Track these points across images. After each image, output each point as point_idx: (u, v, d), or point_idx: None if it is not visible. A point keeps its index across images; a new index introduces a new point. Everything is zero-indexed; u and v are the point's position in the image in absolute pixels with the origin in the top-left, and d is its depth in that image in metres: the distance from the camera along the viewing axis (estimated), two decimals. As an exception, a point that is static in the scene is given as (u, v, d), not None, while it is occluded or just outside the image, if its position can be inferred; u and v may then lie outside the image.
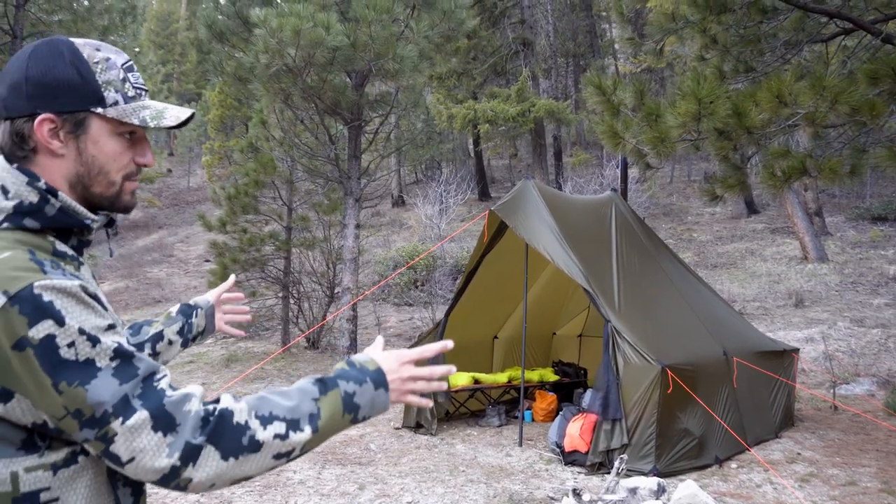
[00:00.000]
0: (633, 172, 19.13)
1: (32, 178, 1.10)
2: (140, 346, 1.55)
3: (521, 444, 6.78)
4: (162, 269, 20.54)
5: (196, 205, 27.55)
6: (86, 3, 11.89)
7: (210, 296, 1.75)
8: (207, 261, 18.40)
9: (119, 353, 1.03)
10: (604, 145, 7.92)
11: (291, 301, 13.16)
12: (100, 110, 1.15)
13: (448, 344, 1.29)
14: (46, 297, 0.99)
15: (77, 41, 1.17)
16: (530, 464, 6.17)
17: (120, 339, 1.05)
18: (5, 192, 1.08)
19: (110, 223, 1.24)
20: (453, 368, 1.26)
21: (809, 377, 9.64)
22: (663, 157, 6.22)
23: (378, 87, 9.52)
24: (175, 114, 1.21)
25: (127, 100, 1.18)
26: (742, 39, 6.90)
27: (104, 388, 1.00)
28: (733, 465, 6.04)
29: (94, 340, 1.01)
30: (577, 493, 4.91)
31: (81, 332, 1.00)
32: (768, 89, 5.25)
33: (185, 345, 1.65)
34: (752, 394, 6.79)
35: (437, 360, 7.36)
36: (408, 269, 15.38)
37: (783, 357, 7.53)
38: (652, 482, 4.80)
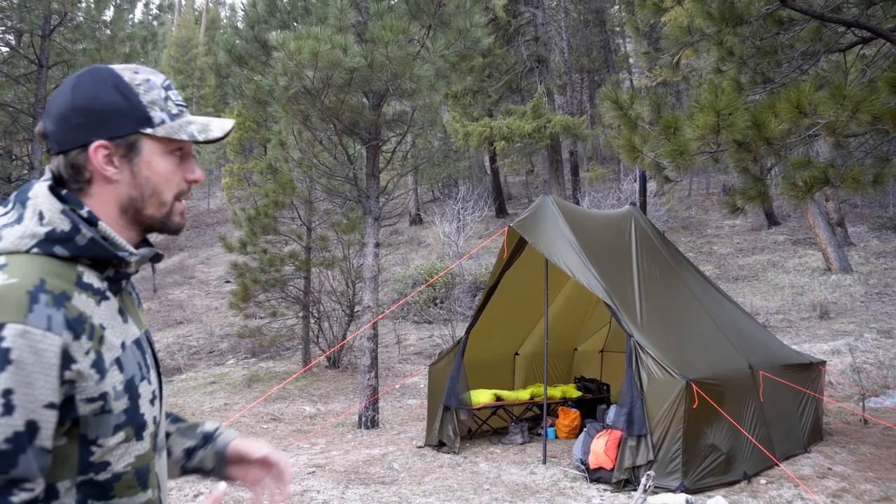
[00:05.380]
0: (652, 186, 19.05)
1: (76, 206, 1.11)
2: None
3: (545, 462, 6.72)
4: (183, 291, 20.72)
5: (216, 226, 27.83)
6: (108, 31, 12.15)
7: (234, 443, 1.42)
8: (228, 282, 18.54)
9: (15, 440, 0.96)
10: (622, 159, 7.91)
11: (312, 320, 13.21)
12: (149, 131, 1.15)
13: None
14: (5, 344, 0.96)
15: (116, 66, 1.17)
16: (555, 481, 6.11)
17: (44, 425, 0.99)
18: (41, 217, 1.08)
19: (157, 258, 1.23)
20: None
21: (837, 390, 9.47)
22: (682, 169, 6.19)
23: (395, 106, 9.60)
24: (220, 125, 1.22)
25: (172, 117, 1.18)
26: (759, 51, 6.88)
27: None
28: (762, 480, 5.94)
29: (8, 409, 0.95)
30: (603, 511, 4.86)
31: (5, 393, 0.95)
32: (787, 100, 5.22)
33: (183, 470, 1.42)
34: (780, 408, 6.68)
35: (459, 380, 7.34)
36: (427, 286, 15.38)
37: (810, 370, 7.41)
38: (680, 499, 4.74)
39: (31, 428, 0.98)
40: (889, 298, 13.77)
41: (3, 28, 12.00)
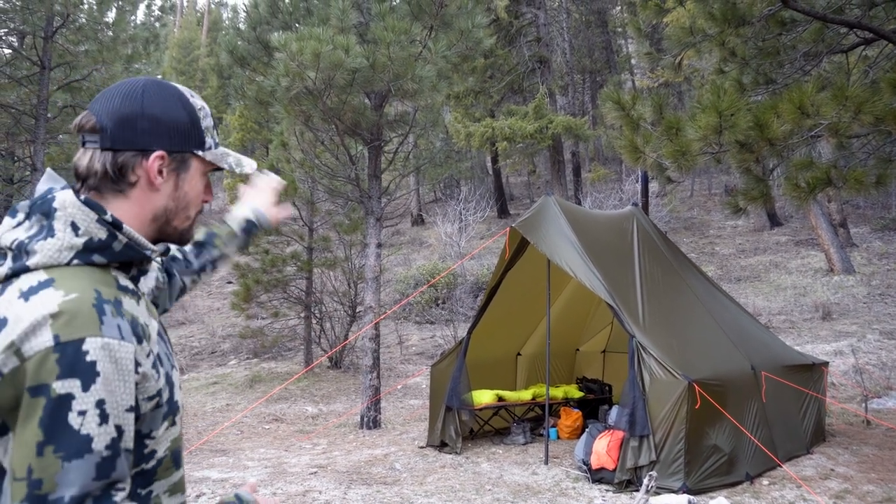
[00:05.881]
0: (654, 186, 19.05)
1: (100, 213, 1.11)
2: (203, 268, 1.62)
3: (547, 462, 6.72)
4: (185, 292, 20.72)
5: (218, 227, 27.78)
6: (110, 33, 12.16)
7: (264, 209, 1.74)
8: (230, 282, 18.56)
9: (113, 446, 1.00)
10: (624, 160, 7.91)
11: (314, 321, 13.22)
12: (200, 153, 1.24)
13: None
14: (90, 357, 0.99)
15: (179, 86, 1.24)
16: (557, 482, 6.11)
17: (127, 428, 1.03)
18: (75, 228, 1.09)
19: (166, 252, 1.29)
20: None
21: (840, 391, 9.46)
22: (684, 170, 6.19)
23: (397, 107, 9.60)
24: (249, 163, 1.34)
25: (216, 145, 1.28)
26: (761, 52, 6.87)
27: (78, 475, 0.96)
28: (765, 481, 5.93)
29: (104, 418, 0.99)
30: (605, 512, 4.86)
31: (99, 404, 0.99)
32: (790, 100, 5.22)
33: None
34: (782, 408, 6.68)
35: (461, 380, 7.34)
36: (429, 287, 15.38)
37: (812, 371, 7.41)
38: (682, 500, 4.74)
39: (119, 432, 1.02)
40: (892, 299, 13.75)
41: (6, 30, 12.01)
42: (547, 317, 7.13)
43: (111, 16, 12.23)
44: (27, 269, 1.06)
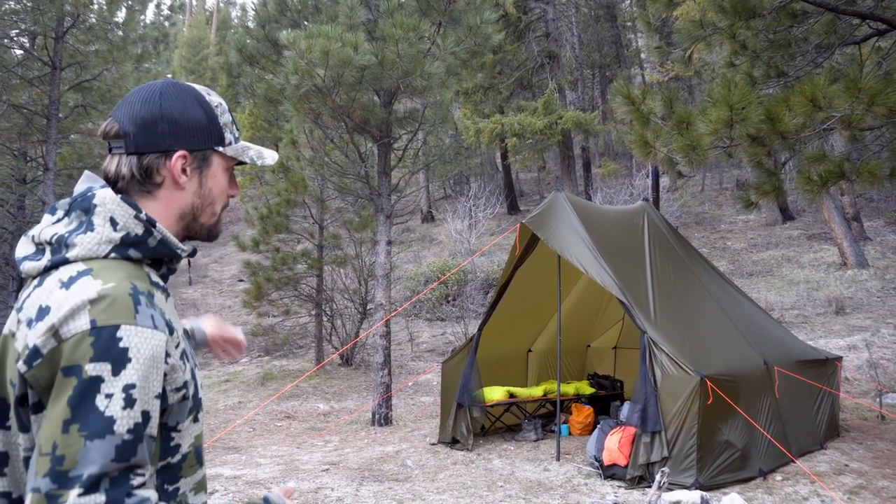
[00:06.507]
0: (665, 181, 18.93)
1: (137, 211, 1.16)
2: None
3: (558, 459, 6.71)
4: (197, 290, 20.85)
5: (229, 225, 27.94)
6: (120, 33, 12.22)
7: (207, 326, 1.64)
8: (241, 280, 18.63)
9: (135, 430, 1.02)
10: (634, 155, 7.88)
11: (324, 318, 13.25)
12: (221, 149, 1.27)
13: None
14: (123, 344, 1.03)
15: (195, 85, 1.28)
16: (569, 478, 6.10)
17: (154, 414, 1.06)
18: (114, 223, 1.14)
19: (192, 253, 1.32)
20: None
21: (853, 386, 9.39)
22: (695, 164, 6.15)
23: (406, 103, 9.59)
24: (270, 154, 1.36)
25: (236, 140, 1.31)
26: (772, 44, 6.81)
27: (98, 455, 0.98)
28: (778, 477, 5.90)
29: (129, 402, 1.02)
30: (617, 508, 4.85)
31: (126, 388, 1.02)
32: (802, 93, 5.17)
33: None
34: (795, 404, 6.64)
35: (472, 377, 7.34)
36: (439, 284, 15.39)
37: (825, 366, 7.35)
38: (695, 496, 4.72)
39: (146, 418, 1.05)
40: (906, 293, 13.61)
41: (17, 31, 12.10)
42: (558, 313, 7.11)
43: (121, 16, 12.29)
44: (66, 261, 1.11)
